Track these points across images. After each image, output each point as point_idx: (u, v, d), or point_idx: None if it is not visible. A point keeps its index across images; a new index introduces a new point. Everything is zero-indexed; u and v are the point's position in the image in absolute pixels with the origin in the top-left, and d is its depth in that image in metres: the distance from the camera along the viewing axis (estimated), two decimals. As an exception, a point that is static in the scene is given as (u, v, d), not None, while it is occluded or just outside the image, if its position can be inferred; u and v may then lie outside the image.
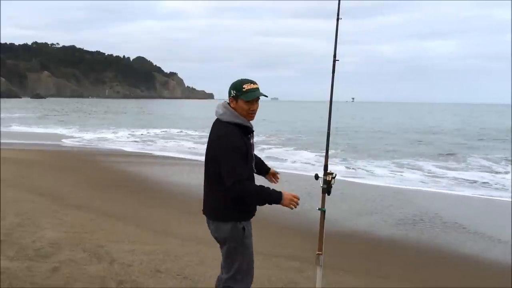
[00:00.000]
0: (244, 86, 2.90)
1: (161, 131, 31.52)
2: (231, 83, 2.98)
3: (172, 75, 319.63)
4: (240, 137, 2.89)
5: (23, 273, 4.40)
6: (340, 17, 3.41)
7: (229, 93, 2.95)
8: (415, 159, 17.30)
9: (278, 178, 3.52)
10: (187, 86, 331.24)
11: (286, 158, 17.44)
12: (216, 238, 3.09)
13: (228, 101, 2.98)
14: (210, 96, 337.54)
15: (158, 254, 5.22)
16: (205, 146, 3.10)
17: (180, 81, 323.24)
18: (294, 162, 16.44)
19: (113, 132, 29.51)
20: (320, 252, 3.83)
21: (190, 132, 31.11)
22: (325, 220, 3.83)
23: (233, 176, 2.80)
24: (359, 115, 69.68)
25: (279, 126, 38.36)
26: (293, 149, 20.55)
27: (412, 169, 14.92)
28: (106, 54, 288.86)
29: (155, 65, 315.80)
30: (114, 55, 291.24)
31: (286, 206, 2.91)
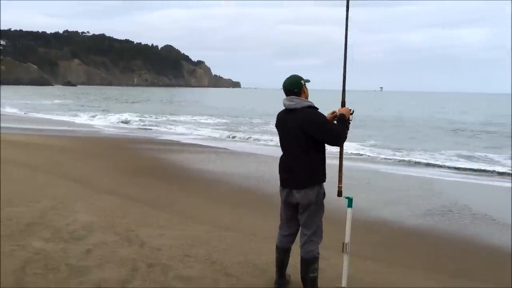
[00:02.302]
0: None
1: (191, 118, 31.89)
2: (293, 79, 3.82)
3: (200, 63, 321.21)
4: None
5: (58, 254, 4.59)
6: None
7: (299, 84, 3.80)
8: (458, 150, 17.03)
9: None
10: (214, 75, 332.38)
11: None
12: (299, 204, 3.80)
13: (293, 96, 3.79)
14: (237, 84, 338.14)
15: (187, 239, 5.34)
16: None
17: (207, 70, 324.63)
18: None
19: (140, 119, 29.96)
20: (347, 241, 3.87)
21: (218, 120, 31.37)
22: (351, 209, 3.87)
23: (333, 134, 3.72)
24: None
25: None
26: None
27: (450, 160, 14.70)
28: (135, 42, 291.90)
29: (183, 53, 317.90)
30: (143, 43, 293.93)
31: (348, 115, 3.85)
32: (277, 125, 3.97)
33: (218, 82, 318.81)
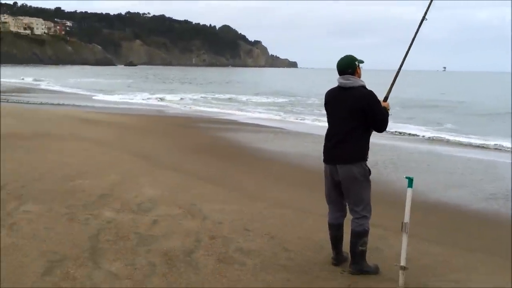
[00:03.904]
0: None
1: (247, 98, 32.19)
2: (348, 59, 3.94)
3: (256, 43, 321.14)
4: None
5: (128, 224, 4.91)
6: None
7: (353, 64, 3.91)
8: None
9: None
10: (271, 55, 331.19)
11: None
12: (343, 180, 3.91)
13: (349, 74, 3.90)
14: (293, 64, 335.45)
15: (246, 214, 5.52)
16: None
17: (264, 49, 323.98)
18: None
19: (199, 98, 30.60)
20: (406, 220, 3.87)
21: (274, 99, 31.45)
22: (411, 189, 3.86)
23: (383, 118, 3.88)
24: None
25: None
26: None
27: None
28: (193, 23, 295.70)
29: (240, 33, 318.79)
30: (201, 23, 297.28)
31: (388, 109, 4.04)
32: (327, 102, 4.07)
33: (275, 62, 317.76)
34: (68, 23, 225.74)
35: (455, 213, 6.71)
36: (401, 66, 4.34)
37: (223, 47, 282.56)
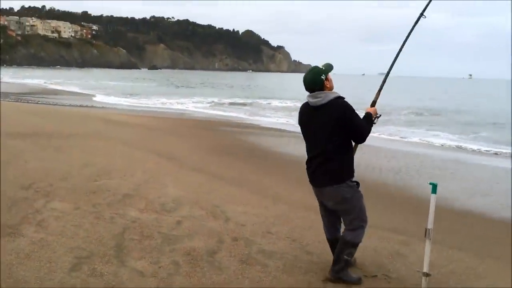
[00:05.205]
0: (321, 66, 3.73)
1: (268, 103, 32.27)
2: (312, 75, 3.69)
3: (279, 48, 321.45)
4: None
5: (152, 224, 4.98)
6: None
7: (319, 80, 3.65)
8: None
9: None
10: (294, 60, 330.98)
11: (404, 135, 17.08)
12: (332, 202, 3.75)
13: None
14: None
15: (268, 217, 5.55)
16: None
17: (287, 55, 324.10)
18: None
19: (222, 103, 30.80)
20: (430, 226, 3.84)
21: (296, 104, 31.45)
22: (435, 195, 3.82)
23: (360, 130, 3.62)
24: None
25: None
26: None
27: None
28: (216, 27, 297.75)
29: (263, 38, 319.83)
30: (224, 28, 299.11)
31: (374, 115, 3.81)
32: (301, 122, 3.84)
33: (297, 67, 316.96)
34: (94, 27, 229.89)
35: (480, 221, 6.62)
36: (391, 67, 4.15)
37: (246, 51, 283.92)
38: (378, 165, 10.16)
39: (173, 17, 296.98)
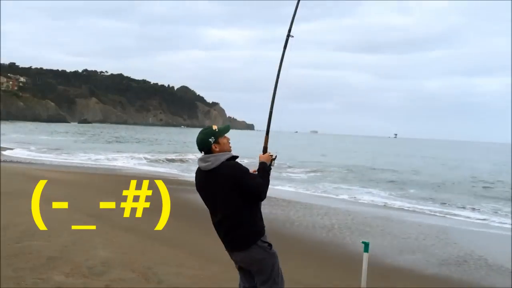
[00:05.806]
0: (214, 128, 3.57)
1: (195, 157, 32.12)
2: (201, 139, 3.51)
3: (214, 105, 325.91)
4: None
5: (78, 289, 4.67)
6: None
7: (207, 143, 3.48)
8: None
9: None
10: (228, 116, 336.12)
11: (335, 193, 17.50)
12: (245, 265, 3.53)
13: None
14: (250, 127, 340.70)
15: (203, 279, 5.39)
16: None
17: (222, 111, 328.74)
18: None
19: (152, 159, 30.31)
20: (363, 285, 3.91)
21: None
22: (368, 253, 3.93)
23: (254, 189, 3.42)
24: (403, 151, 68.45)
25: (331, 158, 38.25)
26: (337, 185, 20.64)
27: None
28: (151, 82, 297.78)
29: (198, 94, 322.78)
30: (159, 83, 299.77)
31: (269, 162, 3.66)
32: (198, 188, 3.60)
33: (232, 124, 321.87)
34: (22, 79, 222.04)
35: (410, 278, 6.82)
36: (271, 107, 4.02)
37: (181, 107, 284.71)
38: (312, 222, 10.31)
39: (106, 71, 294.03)
